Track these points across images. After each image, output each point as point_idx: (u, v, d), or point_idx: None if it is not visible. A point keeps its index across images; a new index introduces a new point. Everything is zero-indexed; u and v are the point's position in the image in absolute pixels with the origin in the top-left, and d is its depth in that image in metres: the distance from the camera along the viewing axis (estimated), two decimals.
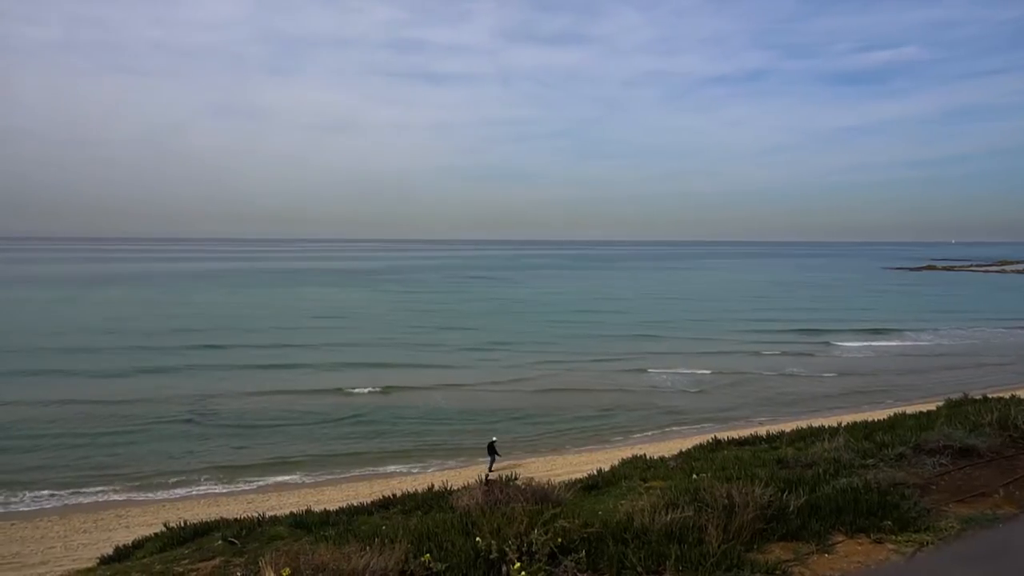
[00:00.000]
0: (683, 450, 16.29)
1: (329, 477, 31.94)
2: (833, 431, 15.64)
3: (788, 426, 20.63)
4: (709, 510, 8.84)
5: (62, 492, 29.81)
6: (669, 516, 8.51)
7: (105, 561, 10.69)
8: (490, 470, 30.08)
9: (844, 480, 10.78)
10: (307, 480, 31.59)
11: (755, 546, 8.27)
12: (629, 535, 8.17)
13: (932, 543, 8.68)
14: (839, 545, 8.57)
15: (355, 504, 12.24)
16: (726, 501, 8.93)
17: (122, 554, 11.02)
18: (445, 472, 29.73)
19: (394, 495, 12.16)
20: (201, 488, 30.59)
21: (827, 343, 69.94)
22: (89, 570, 9.61)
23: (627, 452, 29.10)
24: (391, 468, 33.07)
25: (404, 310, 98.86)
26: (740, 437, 17.92)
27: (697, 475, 11.86)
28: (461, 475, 26.87)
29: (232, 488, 30.56)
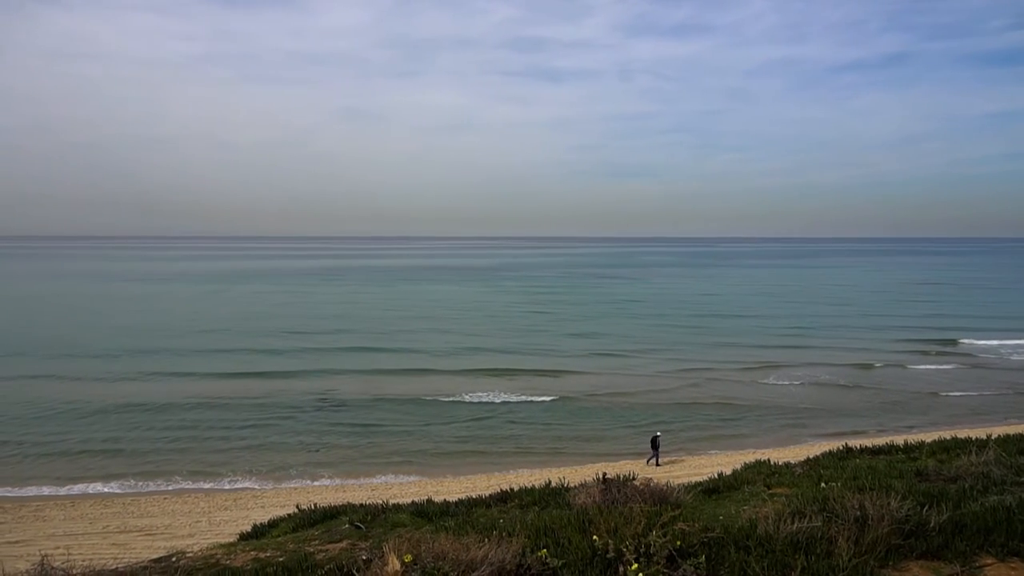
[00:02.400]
0: (810, 457, 15.52)
1: (448, 469, 32.89)
2: (981, 444, 14.41)
3: (929, 436, 19.23)
4: (839, 521, 8.38)
5: (205, 472, 32.44)
6: (795, 525, 8.14)
7: (244, 537, 11.47)
8: (658, 463, 31.70)
9: (994, 498, 9.91)
10: (427, 472, 32.64)
11: (890, 562, 7.76)
12: (751, 542, 7.88)
13: None
14: (988, 568, 7.89)
15: (473, 496, 12.51)
16: (858, 512, 8.43)
17: (259, 531, 11.79)
18: (562, 469, 29.81)
19: (511, 489, 12.32)
20: (327, 474, 32.30)
21: (970, 348, 64.60)
22: (231, 544, 10.34)
23: (749, 456, 28.07)
24: (510, 462, 33.64)
25: (526, 309, 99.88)
26: (874, 445, 16.87)
27: (826, 483, 11.27)
28: (578, 473, 26.84)
29: (356, 478, 32.07)
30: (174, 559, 9.24)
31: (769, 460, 15.78)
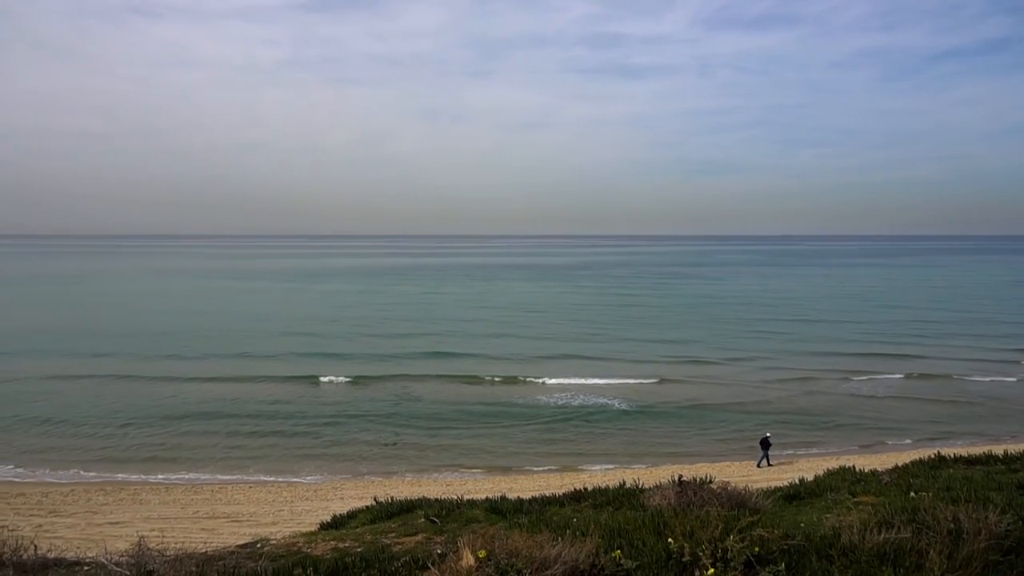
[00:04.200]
0: (898, 465, 14.83)
1: (522, 467, 33.05)
2: None
3: None
4: (930, 533, 7.97)
5: (287, 464, 33.68)
6: (882, 535, 7.79)
7: (324, 527, 11.83)
8: (769, 463, 31.55)
9: None
10: (501, 469, 32.90)
11: None
12: (835, 551, 7.59)
13: None
14: None
15: (546, 495, 12.52)
16: (952, 525, 8.00)
17: (338, 522, 12.14)
18: (636, 470, 29.50)
19: (585, 489, 12.26)
20: (403, 468, 32.97)
21: None
22: (312, 533, 10.69)
23: (833, 462, 27.09)
24: (584, 462, 33.55)
25: (603, 309, 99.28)
26: (969, 455, 15.97)
27: (916, 493, 10.75)
28: (653, 474, 26.51)
29: (431, 472, 32.63)
30: (259, 545, 9.62)
31: (854, 467, 15.18)
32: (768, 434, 33.36)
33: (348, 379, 49.19)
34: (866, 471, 14.14)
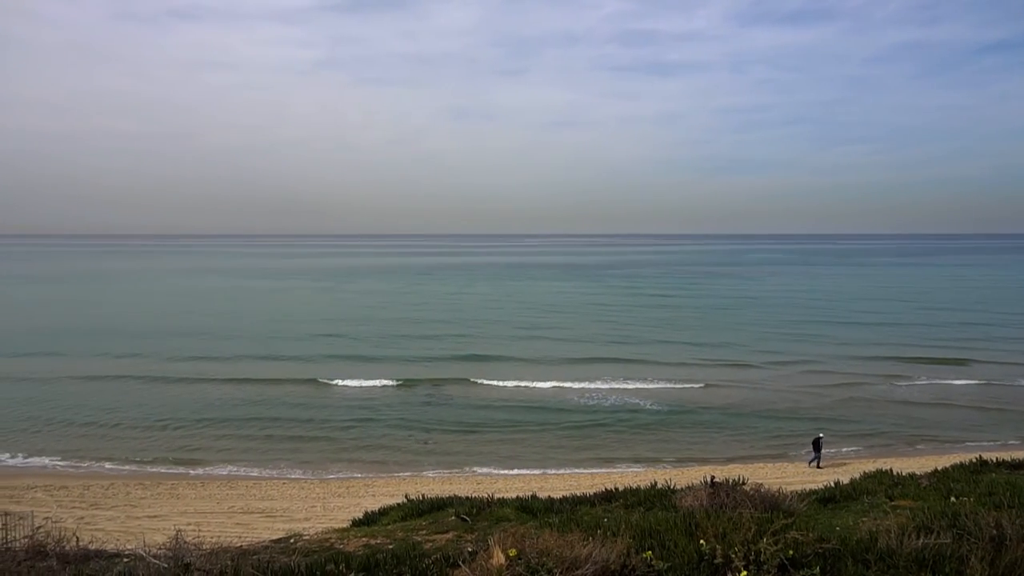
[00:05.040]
0: (938, 468, 14.50)
1: (553, 466, 33.04)
2: None
3: None
4: (971, 539, 7.78)
5: (320, 460, 34.10)
6: (921, 540, 7.62)
7: (356, 523, 11.96)
8: (819, 466, 31.14)
9: None
10: (531, 468, 32.90)
11: None
12: (871, 556, 7.45)
13: None
14: None
15: (577, 494, 12.49)
16: (994, 531, 7.80)
17: (370, 519, 12.26)
18: (668, 471, 29.30)
19: (616, 489, 12.21)
20: (434, 466, 33.15)
21: None
22: (344, 530, 10.81)
23: (868, 465, 26.61)
24: (615, 462, 33.44)
25: (633, 308, 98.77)
26: (1013, 459, 15.55)
27: (956, 498, 10.51)
28: (684, 475, 26.31)
29: (461, 470, 32.76)
30: (292, 540, 9.75)
31: (891, 470, 14.89)
32: (821, 435, 32.94)
33: (378, 380, 49.42)
34: (904, 474, 13.86)
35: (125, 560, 7.91)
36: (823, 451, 32.08)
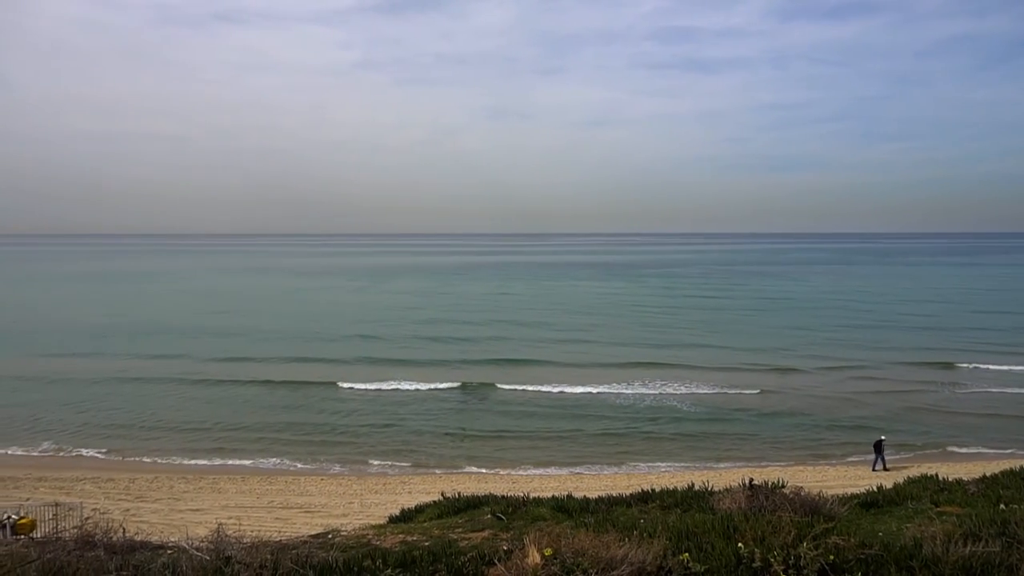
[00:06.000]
0: (986, 474, 14.11)
1: (589, 466, 32.96)
2: None
3: None
4: (1022, 548, 7.55)
5: (358, 457, 34.56)
6: (968, 548, 7.41)
7: (393, 520, 12.09)
8: (885, 468, 30.58)
9: None
10: (567, 467, 32.84)
11: None
12: (916, 563, 7.27)
13: None
14: None
15: (613, 495, 12.43)
16: None
17: (406, 516, 12.37)
18: (705, 473, 28.99)
19: (652, 490, 12.12)
20: (470, 464, 33.30)
21: None
22: (381, 526, 10.92)
23: (913, 470, 26.03)
24: (651, 463, 33.26)
25: (671, 307, 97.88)
26: None
27: (1006, 505, 10.21)
28: (722, 477, 26.03)
29: (497, 468, 32.83)
30: (330, 536, 9.88)
31: (937, 475, 14.54)
32: (883, 437, 32.30)
33: (413, 382, 49.41)
34: (950, 480, 13.52)
35: (169, 552, 8.10)
36: (884, 454, 31.38)
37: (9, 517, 18.17)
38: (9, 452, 35.19)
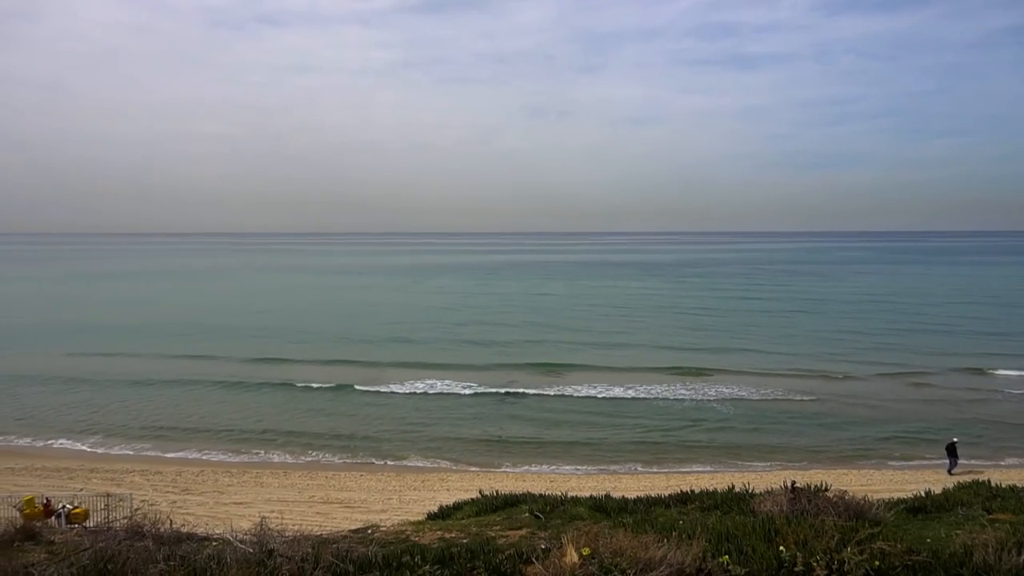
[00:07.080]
0: None
1: (627, 465, 32.77)
2: None
3: None
4: None
5: (397, 454, 34.97)
6: (1022, 557, 7.20)
7: (431, 517, 12.15)
8: (950, 472, 29.67)
9: None
10: (605, 467, 32.71)
11: None
12: (966, 571, 7.08)
13: None
14: None
15: (652, 495, 12.32)
16: None
17: (445, 512, 12.43)
18: (745, 475, 28.59)
19: (692, 491, 11.97)
20: (508, 462, 33.37)
21: None
22: (420, 523, 11.01)
23: (964, 475, 25.31)
24: (691, 464, 33.04)
25: (711, 308, 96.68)
26: None
27: None
28: (763, 479, 25.59)
29: (535, 467, 32.85)
30: (369, 531, 10.00)
31: (989, 481, 14.09)
32: (955, 439, 31.41)
33: (452, 382, 49.57)
34: (1004, 486, 13.08)
35: (214, 544, 8.29)
36: (956, 458, 30.49)
37: (64, 507, 18.86)
38: (64, 445, 36.44)
